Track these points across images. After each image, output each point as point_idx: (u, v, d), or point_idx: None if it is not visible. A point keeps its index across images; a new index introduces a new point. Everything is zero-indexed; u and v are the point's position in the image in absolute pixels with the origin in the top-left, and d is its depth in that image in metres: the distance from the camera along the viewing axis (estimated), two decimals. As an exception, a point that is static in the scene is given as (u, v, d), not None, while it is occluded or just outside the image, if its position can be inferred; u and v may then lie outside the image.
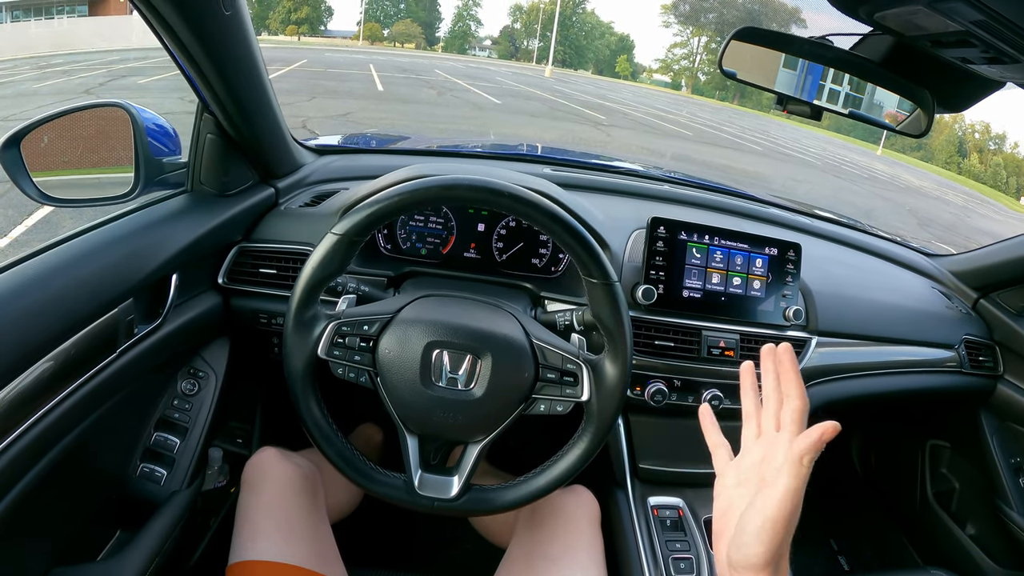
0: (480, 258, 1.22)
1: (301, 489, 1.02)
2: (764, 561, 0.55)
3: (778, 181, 11.08)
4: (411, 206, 0.79)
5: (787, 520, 0.55)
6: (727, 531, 0.61)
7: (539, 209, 0.78)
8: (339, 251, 0.80)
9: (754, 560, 0.56)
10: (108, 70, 12.55)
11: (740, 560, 0.57)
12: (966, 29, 0.69)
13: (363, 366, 0.83)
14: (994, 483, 1.50)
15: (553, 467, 0.86)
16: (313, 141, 1.49)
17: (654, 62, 78.34)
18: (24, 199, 0.95)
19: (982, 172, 43.74)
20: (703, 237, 1.16)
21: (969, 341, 1.44)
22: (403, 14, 69.28)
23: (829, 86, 1.00)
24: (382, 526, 1.48)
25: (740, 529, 0.58)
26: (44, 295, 0.77)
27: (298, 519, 0.98)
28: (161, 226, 0.99)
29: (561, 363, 0.84)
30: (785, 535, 0.56)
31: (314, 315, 0.83)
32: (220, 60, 0.89)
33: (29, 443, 0.73)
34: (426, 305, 0.88)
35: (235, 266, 1.14)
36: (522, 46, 74.00)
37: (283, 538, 0.94)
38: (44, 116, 0.94)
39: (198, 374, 1.14)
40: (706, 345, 1.15)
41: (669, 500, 1.18)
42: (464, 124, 10.73)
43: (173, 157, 1.06)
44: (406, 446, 0.85)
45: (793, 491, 0.55)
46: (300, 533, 0.97)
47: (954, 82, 0.94)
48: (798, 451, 0.55)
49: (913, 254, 1.68)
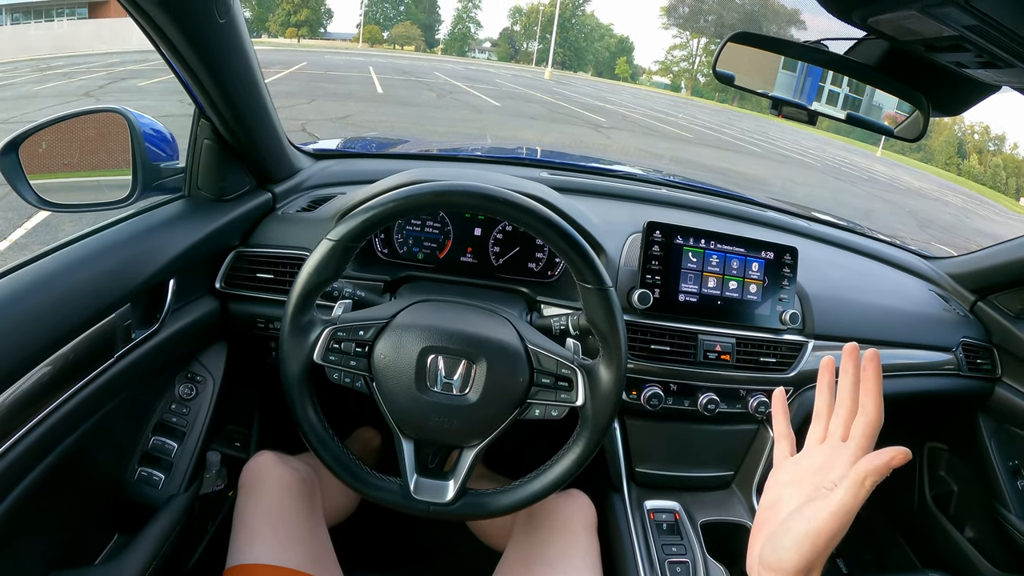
0: (477, 262, 1.22)
1: (298, 493, 1.02)
2: (796, 569, 0.53)
3: (777, 183, 11.08)
4: (405, 212, 0.80)
5: (833, 536, 0.53)
6: (768, 525, 0.59)
7: (533, 214, 0.79)
8: (334, 257, 0.80)
9: (787, 565, 0.54)
10: (108, 72, 12.57)
11: (773, 561, 0.55)
12: (959, 34, 0.69)
13: (359, 371, 0.83)
14: (992, 486, 1.50)
15: (548, 472, 0.86)
16: (310, 146, 1.50)
17: (654, 64, 78.63)
18: (23, 203, 0.95)
19: (981, 173, 43.75)
20: (699, 241, 1.16)
21: (967, 344, 1.44)
22: (403, 16, 69.35)
23: (828, 88, 1.00)
24: (379, 530, 1.49)
25: (782, 531, 0.55)
26: (42, 300, 0.77)
27: (295, 523, 0.99)
28: (158, 231, 0.99)
29: (556, 368, 0.84)
30: (825, 550, 0.53)
31: (310, 320, 0.83)
32: (216, 67, 0.89)
33: (27, 447, 0.73)
34: (421, 310, 0.88)
35: (232, 271, 1.14)
36: (522, 48, 74.08)
37: (280, 542, 0.95)
38: (42, 122, 0.94)
39: (196, 378, 1.14)
40: (702, 349, 1.15)
41: (666, 504, 1.18)
42: (464, 127, 10.74)
43: (171, 162, 1.07)
44: (402, 450, 0.85)
45: (848, 509, 0.52)
46: (297, 537, 0.97)
47: (949, 86, 0.95)
48: (863, 471, 0.51)
49: (911, 256, 1.68)
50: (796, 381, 1.21)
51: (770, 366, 1.19)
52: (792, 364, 1.21)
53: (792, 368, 1.20)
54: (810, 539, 0.53)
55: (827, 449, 0.60)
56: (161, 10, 0.74)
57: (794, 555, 0.53)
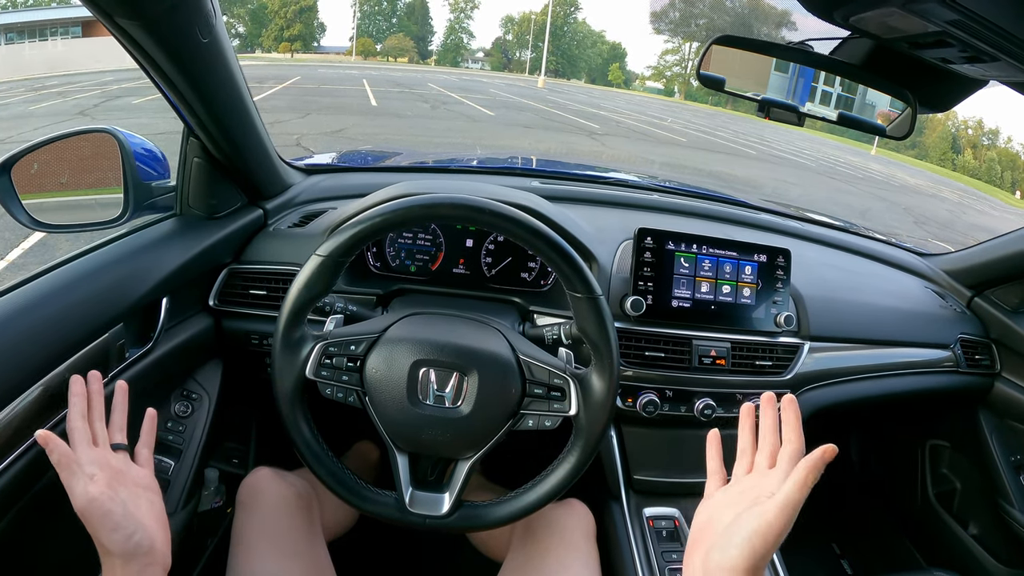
0: (469, 274, 1.22)
1: (296, 508, 1.02)
2: (746, 566, 0.57)
3: (771, 185, 11.10)
4: (394, 226, 0.80)
5: (780, 530, 0.58)
6: (705, 541, 0.64)
7: (520, 225, 0.79)
8: (324, 272, 0.80)
9: (738, 563, 0.58)
10: (102, 91, 12.63)
11: (724, 562, 0.59)
12: (942, 29, 0.69)
13: (351, 386, 0.83)
14: (995, 482, 1.49)
15: (544, 482, 0.86)
16: (302, 161, 1.50)
17: (646, 69, 78.55)
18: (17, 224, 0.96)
19: (977, 168, 43.80)
20: (691, 246, 1.16)
21: (965, 340, 1.44)
22: (395, 28, 69.75)
23: (822, 88, 1.00)
24: (378, 543, 1.48)
25: (732, 532, 0.60)
26: (36, 321, 0.77)
27: (294, 538, 0.99)
28: (150, 251, 0.99)
29: (548, 378, 0.84)
30: (772, 545, 0.58)
31: (301, 336, 0.83)
32: (201, 86, 0.89)
33: (24, 467, 0.73)
34: (412, 323, 0.88)
35: (226, 288, 1.14)
36: (514, 57, 74.39)
37: (279, 557, 0.94)
38: (33, 143, 0.95)
39: (191, 396, 1.14)
40: (697, 355, 1.14)
41: (665, 511, 1.17)
42: (458, 137, 10.77)
43: (162, 181, 1.07)
44: (396, 464, 0.85)
45: (795, 504, 0.58)
46: (296, 552, 0.97)
47: (936, 82, 0.95)
48: (805, 469, 0.59)
49: (906, 254, 1.68)
50: (792, 384, 1.20)
51: (766, 369, 1.19)
52: (788, 367, 1.20)
53: (788, 371, 1.20)
54: (760, 534, 0.58)
55: (755, 476, 0.68)
56: (143, 31, 0.74)
57: (745, 551, 0.58)
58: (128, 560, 0.67)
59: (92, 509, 0.65)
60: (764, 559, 0.58)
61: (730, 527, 0.61)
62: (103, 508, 0.66)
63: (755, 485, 0.65)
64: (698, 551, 0.64)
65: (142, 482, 0.75)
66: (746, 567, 0.57)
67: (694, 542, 0.66)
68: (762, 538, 0.57)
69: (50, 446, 0.66)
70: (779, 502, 0.58)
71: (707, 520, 0.67)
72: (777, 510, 0.58)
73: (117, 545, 0.66)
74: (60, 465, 0.66)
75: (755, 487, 0.65)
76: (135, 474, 0.75)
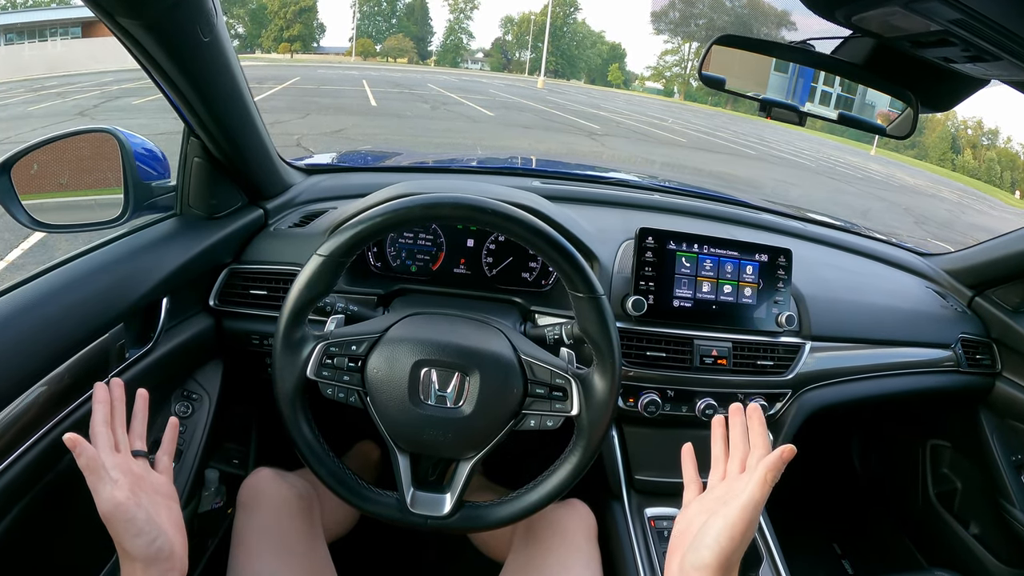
0: (470, 274, 1.22)
1: (297, 509, 1.02)
2: (718, 563, 0.62)
3: (771, 185, 11.09)
4: (395, 226, 0.80)
5: (746, 528, 0.63)
6: (682, 546, 0.67)
7: (522, 224, 0.78)
8: (325, 272, 0.80)
9: (709, 561, 0.62)
10: (102, 91, 12.62)
11: (697, 561, 0.63)
12: (945, 28, 0.69)
13: (352, 386, 0.83)
14: (996, 481, 1.49)
15: (545, 482, 0.86)
16: (302, 161, 1.50)
17: (646, 69, 78.62)
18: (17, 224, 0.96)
19: (976, 168, 43.79)
20: (692, 246, 1.16)
21: (966, 340, 1.44)
22: (395, 29, 69.72)
23: (821, 88, 1.00)
24: (379, 544, 1.48)
25: (703, 533, 0.65)
26: (36, 321, 0.77)
27: (294, 539, 0.98)
28: (150, 251, 0.99)
29: (550, 378, 0.84)
30: (741, 543, 0.63)
31: (302, 336, 0.83)
32: (202, 86, 0.89)
33: (24, 468, 0.73)
34: (414, 323, 0.88)
35: (226, 288, 1.14)
36: (514, 58, 74.39)
37: (279, 558, 0.94)
38: (33, 143, 0.94)
39: (192, 396, 1.13)
40: (698, 354, 1.14)
41: (666, 511, 1.17)
42: (458, 137, 10.76)
43: (163, 180, 1.07)
44: (397, 464, 0.85)
45: (757, 503, 0.63)
46: (296, 553, 0.97)
47: (938, 81, 0.94)
48: (764, 468, 0.64)
49: (906, 254, 1.68)
50: (794, 383, 1.20)
51: (767, 369, 1.19)
52: (789, 367, 1.20)
53: (789, 371, 1.20)
54: (728, 532, 0.63)
55: (729, 481, 0.73)
56: (144, 30, 0.74)
57: (716, 549, 0.62)
58: (149, 565, 0.68)
59: (117, 514, 0.66)
60: (734, 555, 0.63)
61: (701, 529, 0.65)
62: (128, 514, 0.66)
63: (728, 491, 0.70)
64: (675, 557, 0.68)
65: (161, 489, 0.76)
66: (717, 564, 0.62)
67: (673, 549, 0.70)
68: (728, 536, 0.62)
69: (78, 449, 0.67)
70: (742, 502, 0.63)
71: (685, 527, 0.70)
72: (740, 510, 0.63)
73: (139, 550, 0.67)
74: (88, 468, 0.67)
75: (728, 492, 0.69)
76: (155, 481, 0.76)
